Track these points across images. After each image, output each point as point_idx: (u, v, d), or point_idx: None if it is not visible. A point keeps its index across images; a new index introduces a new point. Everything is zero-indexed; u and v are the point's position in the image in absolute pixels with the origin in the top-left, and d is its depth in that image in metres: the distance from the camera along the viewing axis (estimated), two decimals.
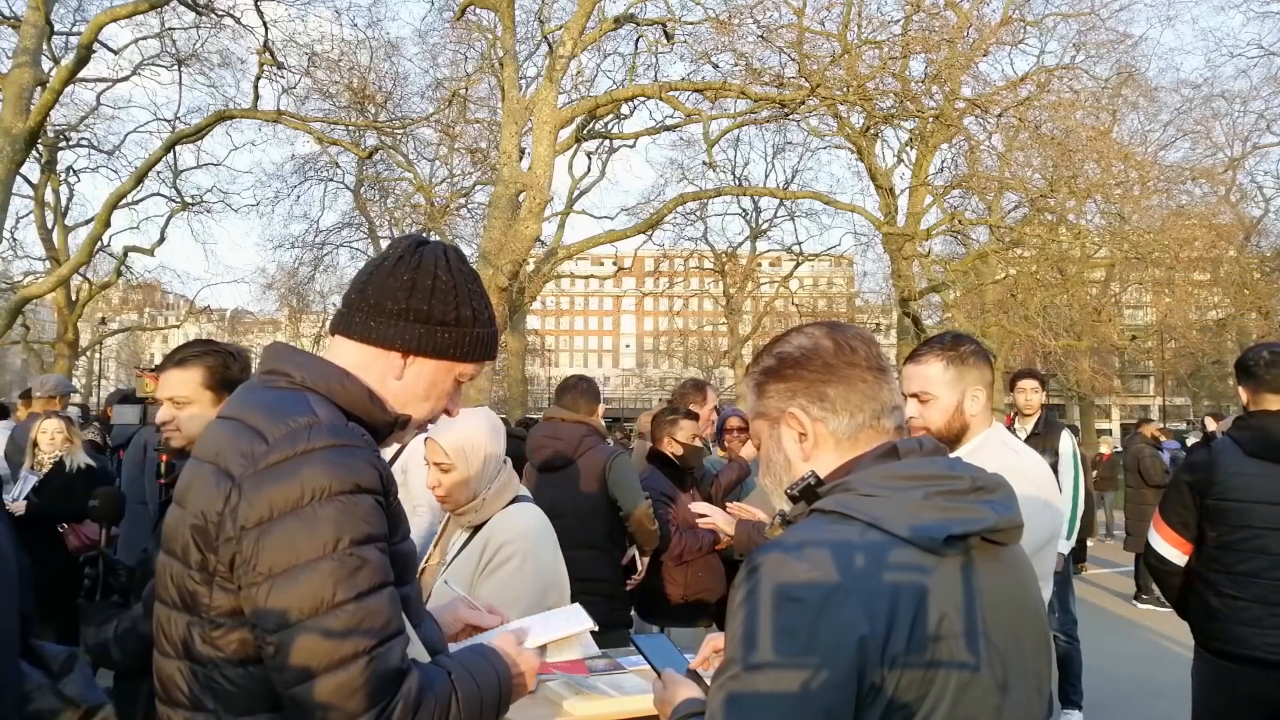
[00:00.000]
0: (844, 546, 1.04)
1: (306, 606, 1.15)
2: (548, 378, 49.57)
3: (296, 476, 1.18)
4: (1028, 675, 1.14)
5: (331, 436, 1.23)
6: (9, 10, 16.72)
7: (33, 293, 16.01)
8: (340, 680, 1.14)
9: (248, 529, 1.18)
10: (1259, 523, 2.72)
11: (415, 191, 23.87)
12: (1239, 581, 2.75)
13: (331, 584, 1.16)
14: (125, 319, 35.43)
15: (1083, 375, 23.46)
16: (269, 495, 1.18)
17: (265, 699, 1.22)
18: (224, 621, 1.22)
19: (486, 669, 1.34)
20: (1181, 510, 2.92)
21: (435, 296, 1.35)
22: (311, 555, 1.16)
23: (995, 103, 17.15)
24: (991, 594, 1.10)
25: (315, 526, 1.17)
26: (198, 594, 1.24)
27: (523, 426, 9.88)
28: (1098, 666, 5.67)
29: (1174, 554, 2.94)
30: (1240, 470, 2.78)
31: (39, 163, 21.73)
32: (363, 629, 1.16)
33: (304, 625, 1.15)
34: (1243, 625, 2.72)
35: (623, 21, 17.42)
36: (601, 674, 2.71)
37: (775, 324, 33.53)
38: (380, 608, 1.19)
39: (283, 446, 1.20)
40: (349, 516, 1.19)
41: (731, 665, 1.04)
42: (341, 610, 1.16)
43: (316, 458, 1.20)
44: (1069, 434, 5.17)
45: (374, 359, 1.36)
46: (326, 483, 1.19)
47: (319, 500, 1.18)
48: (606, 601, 3.46)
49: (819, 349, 1.20)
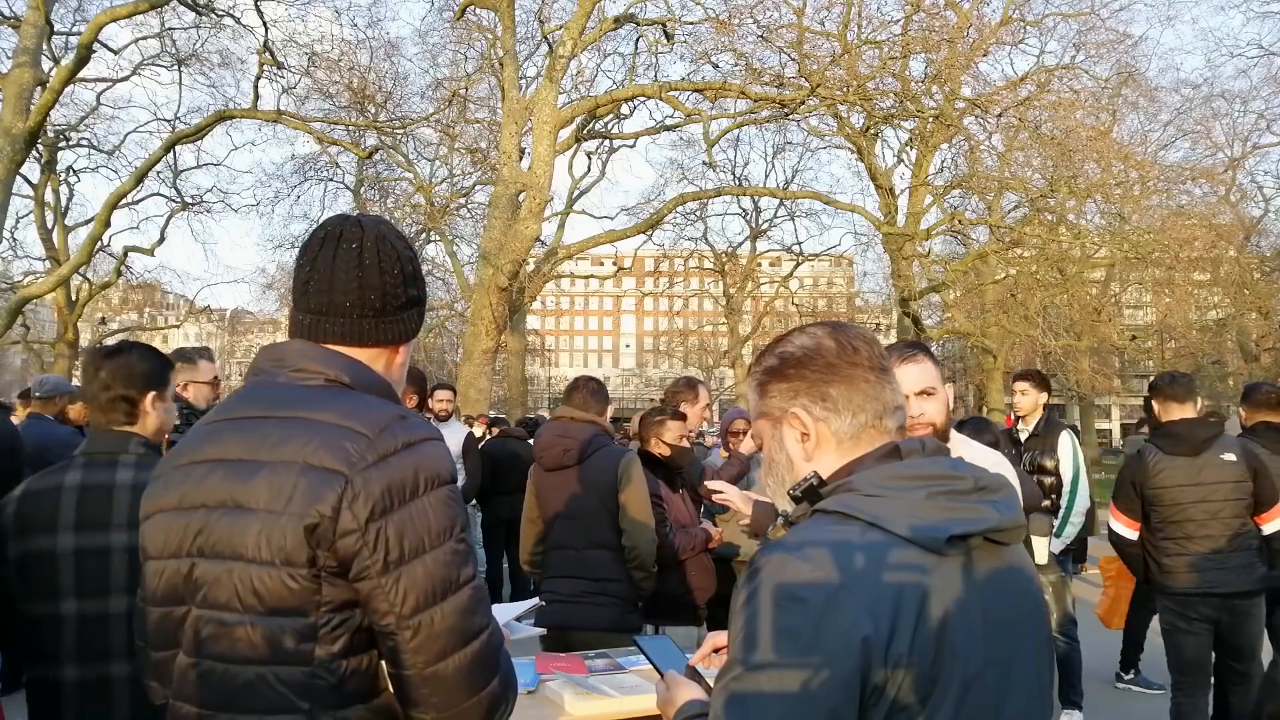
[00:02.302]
0: (847, 547, 1.04)
1: (439, 589, 1.23)
2: (548, 378, 49.59)
3: (409, 467, 1.25)
4: (1029, 675, 1.14)
5: (425, 430, 1.30)
6: (9, 10, 16.72)
7: (33, 293, 16.02)
8: (474, 651, 1.24)
9: (373, 520, 1.22)
10: (1183, 499, 3.90)
11: (415, 191, 23.88)
12: (1178, 543, 3.91)
13: (455, 567, 1.25)
14: (125, 319, 35.42)
15: (1083, 375, 23.46)
16: (387, 486, 1.23)
17: (362, 691, 1.27)
18: (333, 616, 1.24)
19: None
20: (1128, 500, 4.07)
21: (419, 281, 1.43)
22: (436, 542, 1.24)
23: (995, 103, 17.16)
24: (994, 594, 1.10)
25: (435, 514, 1.25)
26: (302, 592, 1.23)
27: (522, 426, 9.91)
28: (1098, 666, 5.67)
29: (1128, 531, 4.10)
30: (1163, 466, 3.94)
31: (39, 163, 21.74)
32: (479, 607, 1.27)
33: (438, 606, 1.22)
34: (1187, 571, 3.88)
35: (623, 21, 17.42)
36: (601, 674, 2.71)
37: (775, 324, 33.56)
38: (484, 587, 1.30)
39: (387, 440, 1.25)
40: (456, 504, 1.29)
41: (734, 666, 1.04)
42: (465, 590, 1.25)
43: (420, 450, 1.27)
44: (1070, 434, 5.16)
45: (377, 355, 1.39)
46: (434, 472, 1.27)
47: (432, 489, 1.26)
48: (619, 604, 3.43)
49: (821, 349, 1.20)
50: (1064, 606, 5.10)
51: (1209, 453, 3.90)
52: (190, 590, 1.29)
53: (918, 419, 2.17)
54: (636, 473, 3.49)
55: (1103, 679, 5.68)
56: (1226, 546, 3.84)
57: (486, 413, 12.58)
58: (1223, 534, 3.85)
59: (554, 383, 50.28)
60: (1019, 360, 23.69)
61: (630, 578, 3.46)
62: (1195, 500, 3.88)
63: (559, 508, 3.56)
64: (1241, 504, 3.88)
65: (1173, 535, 3.91)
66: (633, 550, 3.43)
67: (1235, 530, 3.85)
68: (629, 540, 3.43)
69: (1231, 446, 3.94)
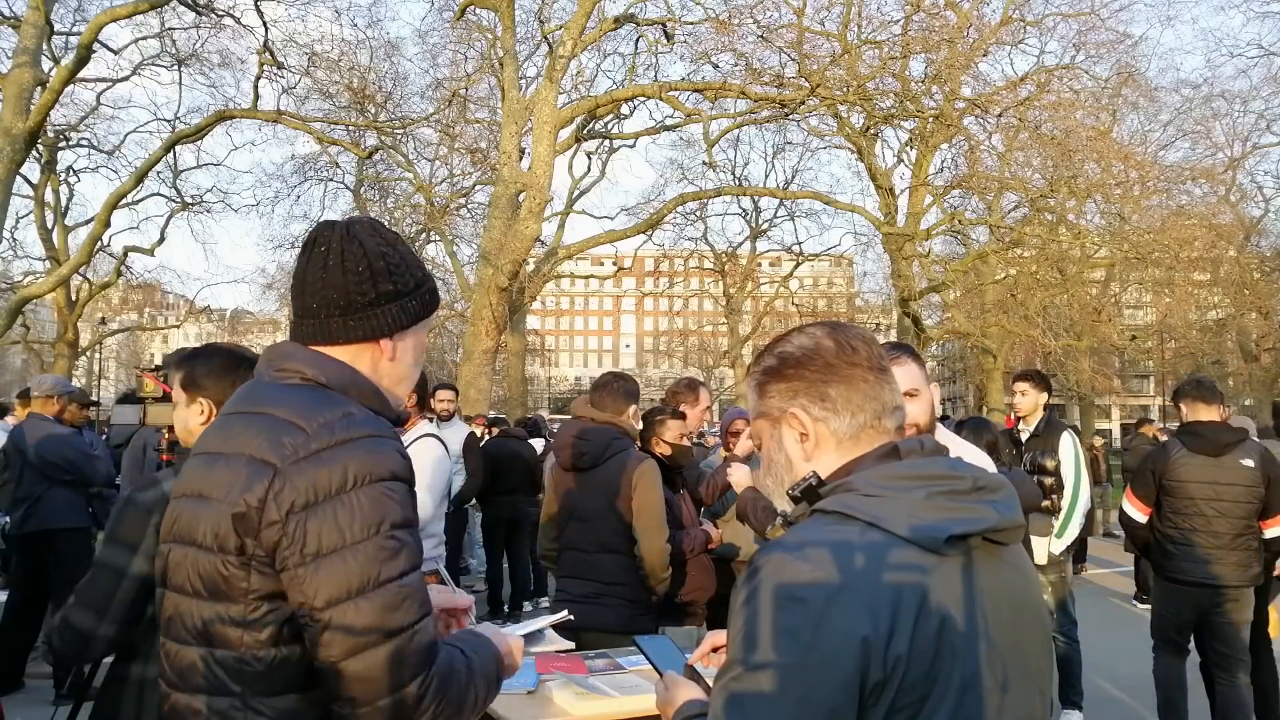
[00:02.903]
0: (846, 547, 1.04)
1: (355, 584, 1.22)
2: (548, 378, 49.60)
3: (339, 463, 1.25)
4: (1029, 675, 1.14)
5: (368, 428, 1.31)
6: (9, 10, 16.73)
7: (33, 293, 16.02)
8: (389, 651, 1.22)
9: (294, 513, 1.24)
10: (1197, 495, 4.19)
11: (415, 191, 23.87)
12: (1184, 534, 4.21)
13: (377, 563, 1.23)
14: (125, 319, 35.44)
15: (1083, 375, 23.47)
16: (313, 480, 1.24)
17: (294, 680, 1.28)
18: (261, 605, 1.27)
19: (487, 652, 1.42)
20: (1145, 487, 4.39)
21: (393, 273, 1.41)
22: (357, 537, 1.23)
23: (995, 103, 17.15)
24: (993, 594, 1.10)
25: (361, 510, 1.24)
26: (232, 579, 1.28)
27: (522, 426, 9.91)
28: (1098, 666, 5.67)
29: (1139, 515, 4.44)
30: (1183, 461, 4.24)
31: (39, 163, 21.74)
32: (406, 605, 1.25)
33: (352, 602, 1.22)
34: (1187, 561, 4.20)
35: (623, 21, 17.42)
36: (601, 674, 2.71)
37: (775, 324, 33.53)
38: (417, 587, 1.28)
39: (323, 436, 1.27)
40: (388, 501, 1.27)
41: (734, 666, 1.04)
42: (386, 588, 1.23)
43: (356, 446, 1.27)
44: (1070, 434, 5.16)
45: (359, 353, 1.41)
46: (367, 469, 1.26)
47: (360, 485, 1.25)
48: (629, 606, 3.41)
49: (820, 349, 1.20)
50: (1064, 607, 5.10)
51: (1230, 455, 4.16)
52: (163, 574, 1.40)
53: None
54: (650, 479, 3.45)
55: (1103, 679, 5.68)
56: (1229, 544, 4.12)
57: (485, 413, 12.57)
58: (1228, 532, 4.12)
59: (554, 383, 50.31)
60: (1019, 360, 23.69)
61: (641, 581, 3.46)
62: (1208, 498, 4.15)
63: (572, 509, 3.55)
64: (1251, 507, 4.13)
65: (1181, 526, 4.22)
66: (643, 558, 3.42)
67: (1239, 530, 4.12)
68: (639, 549, 3.41)
69: (1253, 453, 4.18)
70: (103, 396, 30.19)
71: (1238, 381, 30.61)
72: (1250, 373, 28.60)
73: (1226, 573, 4.12)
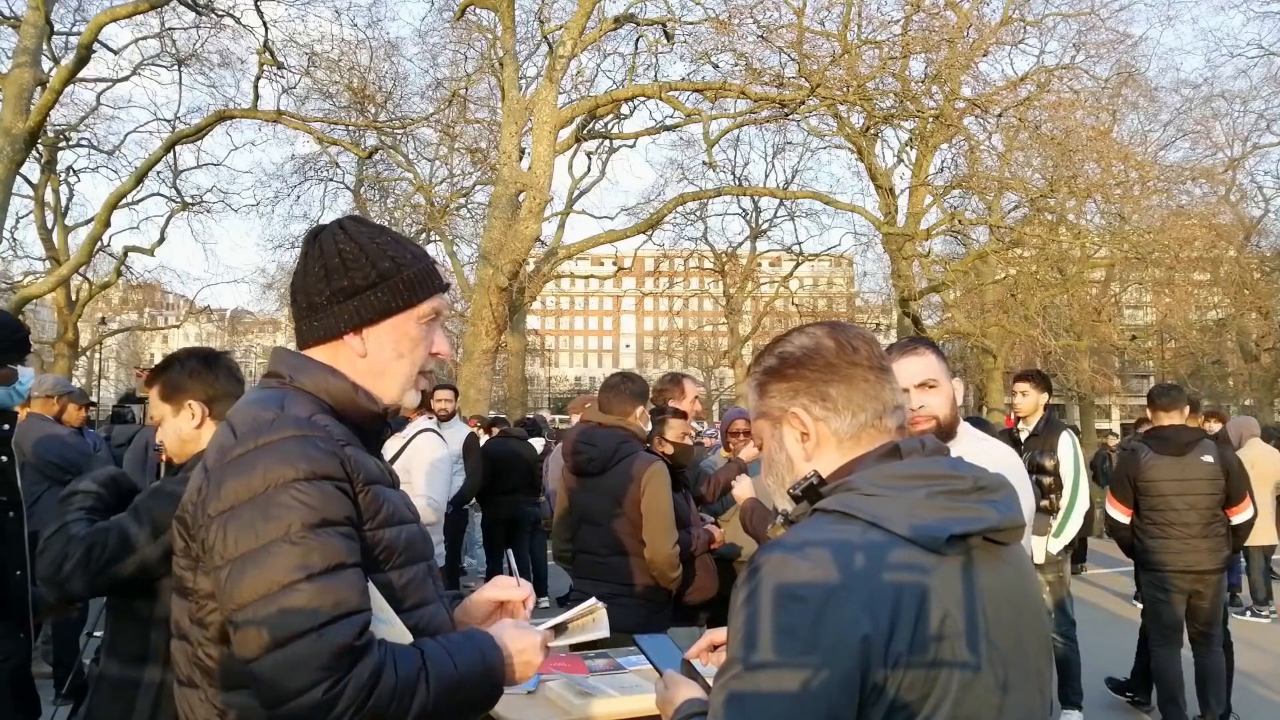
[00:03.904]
0: (846, 546, 1.04)
1: (261, 588, 1.21)
2: (548, 378, 49.59)
3: (255, 467, 1.25)
4: (1028, 675, 1.14)
5: (293, 428, 1.29)
6: (9, 10, 16.73)
7: (33, 293, 16.03)
8: (286, 655, 1.19)
9: (213, 517, 1.26)
10: (1166, 492, 4.73)
11: (415, 191, 23.88)
12: (1161, 528, 4.74)
13: (285, 566, 1.21)
14: (125, 319, 35.43)
15: (1083, 375, 23.45)
16: (231, 485, 1.26)
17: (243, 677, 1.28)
18: (207, 603, 1.31)
19: (472, 651, 1.35)
20: (1123, 490, 4.92)
21: (349, 268, 1.40)
22: (267, 539, 1.22)
23: (995, 103, 17.16)
24: (993, 594, 1.10)
25: (271, 512, 1.23)
26: (184, 578, 1.35)
27: (522, 427, 9.91)
28: (1098, 666, 5.66)
29: (1122, 516, 4.93)
30: (1152, 463, 4.77)
31: (39, 163, 21.72)
32: (311, 608, 1.21)
33: (258, 604, 1.21)
34: (1166, 553, 4.71)
35: (623, 21, 17.42)
36: (601, 674, 2.71)
37: (775, 324, 33.52)
38: (333, 588, 1.23)
39: (247, 440, 1.28)
40: (303, 502, 1.24)
41: (733, 665, 1.04)
42: (293, 590, 1.21)
43: (274, 448, 1.26)
44: (1070, 434, 5.16)
45: (335, 351, 1.43)
46: (282, 470, 1.25)
47: (275, 488, 1.24)
48: (646, 606, 3.42)
49: (821, 348, 1.20)
50: (1062, 607, 5.09)
51: (1192, 453, 4.72)
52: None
53: (918, 411, 2.15)
54: (659, 482, 3.44)
55: (1103, 679, 5.67)
56: (1200, 532, 4.68)
57: (483, 414, 12.54)
58: (1198, 522, 4.68)
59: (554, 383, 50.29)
60: (1019, 360, 23.67)
61: (651, 581, 3.47)
62: (1177, 493, 4.71)
63: (583, 512, 3.58)
64: (1215, 498, 4.72)
65: (1157, 521, 4.75)
66: (652, 562, 3.43)
67: (1208, 519, 4.70)
68: (648, 552, 3.42)
69: (1210, 450, 4.77)
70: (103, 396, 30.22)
71: (1238, 381, 30.62)
72: (1250, 373, 28.60)
73: (1201, 559, 4.68)
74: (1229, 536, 4.76)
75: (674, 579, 3.47)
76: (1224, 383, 31.09)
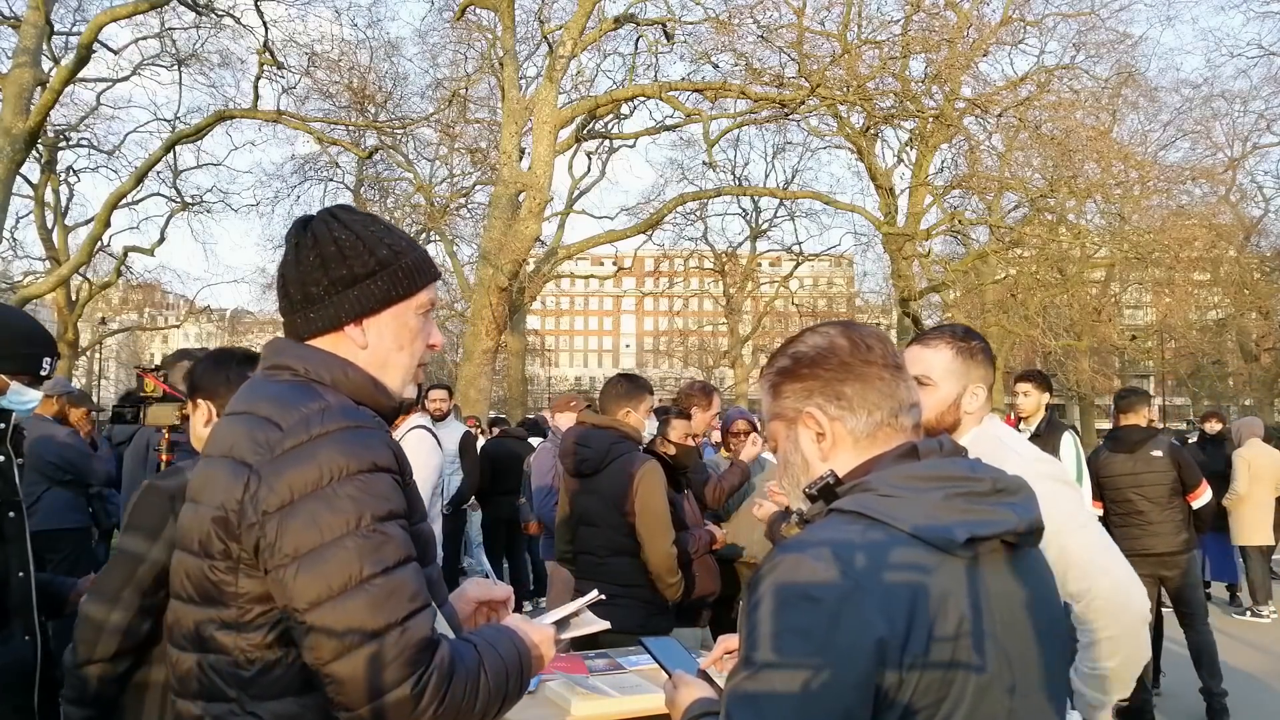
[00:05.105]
0: (862, 547, 1.03)
1: (336, 583, 1.17)
2: (548, 378, 49.56)
3: (315, 459, 1.21)
4: (1043, 679, 1.13)
5: (345, 419, 1.26)
6: (9, 10, 16.73)
7: (33, 293, 16.02)
8: (374, 652, 1.16)
9: (270, 513, 1.20)
10: (1122, 485, 5.25)
11: (415, 191, 23.87)
12: (1122, 517, 5.23)
13: (358, 560, 1.18)
14: (125, 319, 35.42)
15: (1083, 375, 23.45)
16: (289, 479, 1.20)
17: (290, 683, 1.24)
18: (252, 608, 1.24)
19: (507, 643, 1.35)
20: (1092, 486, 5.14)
21: (347, 257, 1.35)
22: (336, 533, 1.19)
23: (995, 103, 17.15)
24: (1010, 597, 1.09)
25: (337, 505, 1.19)
26: (222, 584, 1.26)
27: (522, 427, 9.90)
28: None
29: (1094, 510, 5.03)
30: (1108, 460, 5.32)
31: (39, 163, 21.71)
32: (392, 602, 1.19)
33: (335, 601, 1.17)
34: (1128, 539, 5.05)
35: (623, 21, 17.41)
36: (602, 674, 2.70)
37: (775, 324, 33.52)
38: (406, 581, 1.21)
39: (298, 432, 1.23)
40: (369, 494, 1.22)
41: (746, 665, 1.03)
42: (370, 585, 1.18)
43: (332, 439, 1.23)
44: (1072, 435, 5.16)
45: (335, 344, 1.38)
46: (344, 463, 1.21)
47: (338, 480, 1.20)
48: (644, 607, 3.40)
49: (834, 348, 1.19)
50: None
51: (1143, 450, 5.23)
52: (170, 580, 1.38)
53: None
54: (651, 482, 3.42)
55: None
56: (1157, 518, 5.17)
57: (480, 414, 12.54)
58: (1153, 508, 5.18)
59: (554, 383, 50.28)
60: (1019, 360, 23.69)
61: (651, 582, 3.45)
62: (1131, 485, 5.23)
63: (581, 513, 3.58)
64: (1167, 488, 5.20)
65: (1119, 512, 5.26)
66: (650, 563, 3.41)
67: (1162, 506, 5.18)
68: (645, 552, 3.40)
69: (1160, 445, 5.28)
70: (102, 397, 30.21)
71: (1238, 381, 30.63)
72: (1250, 373, 28.62)
73: (1159, 542, 5.16)
74: (1188, 521, 5.23)
75: (672, 584, 3.43)
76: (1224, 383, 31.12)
